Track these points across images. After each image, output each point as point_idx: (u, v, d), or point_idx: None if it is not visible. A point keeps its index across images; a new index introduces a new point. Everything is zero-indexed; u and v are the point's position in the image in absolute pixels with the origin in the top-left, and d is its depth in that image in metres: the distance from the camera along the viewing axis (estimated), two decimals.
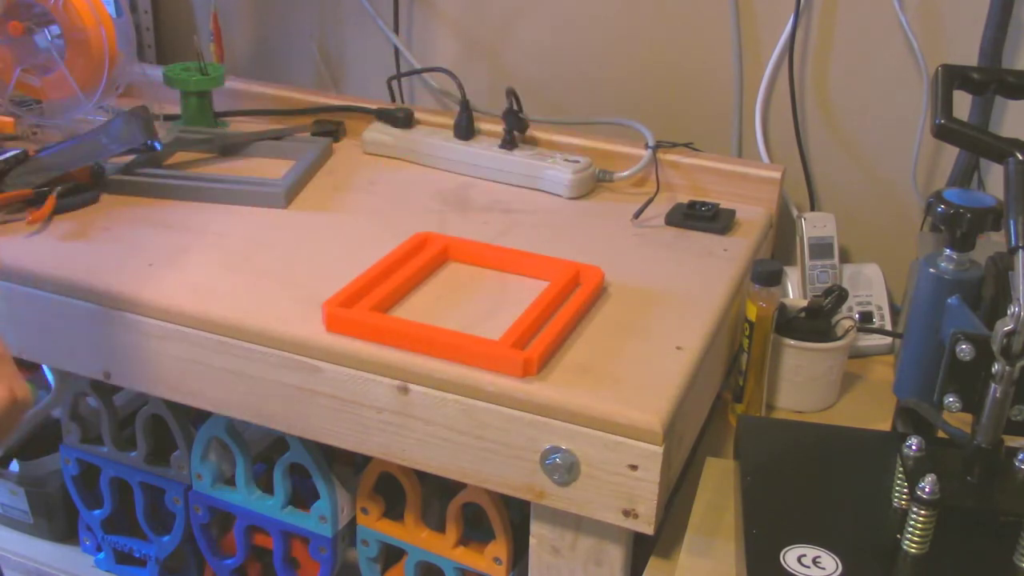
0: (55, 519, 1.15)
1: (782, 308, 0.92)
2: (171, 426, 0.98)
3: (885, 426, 0.84)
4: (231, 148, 1.15)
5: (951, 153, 1.07)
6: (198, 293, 0.83)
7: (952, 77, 0.75)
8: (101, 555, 1.11)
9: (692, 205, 1.01)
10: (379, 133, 1.16)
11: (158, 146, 1.10)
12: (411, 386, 0.75)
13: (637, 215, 1.01)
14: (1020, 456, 0.71)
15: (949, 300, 0.74)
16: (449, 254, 0.91)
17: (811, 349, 0.93)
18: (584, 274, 0.86)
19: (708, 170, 1.08)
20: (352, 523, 0.95)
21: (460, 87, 1.15)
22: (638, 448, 0.69)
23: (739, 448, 0.82)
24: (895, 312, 1.08)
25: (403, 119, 1.17)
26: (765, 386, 0.92)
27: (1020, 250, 0.64)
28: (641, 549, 0.79)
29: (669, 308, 0.84)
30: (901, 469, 0.71)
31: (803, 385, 0.94)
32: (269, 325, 0.79)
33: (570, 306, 0.80)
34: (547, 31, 1.24)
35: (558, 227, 0.99)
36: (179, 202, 1.01)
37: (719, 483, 0.81)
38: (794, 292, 1.08)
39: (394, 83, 1.28)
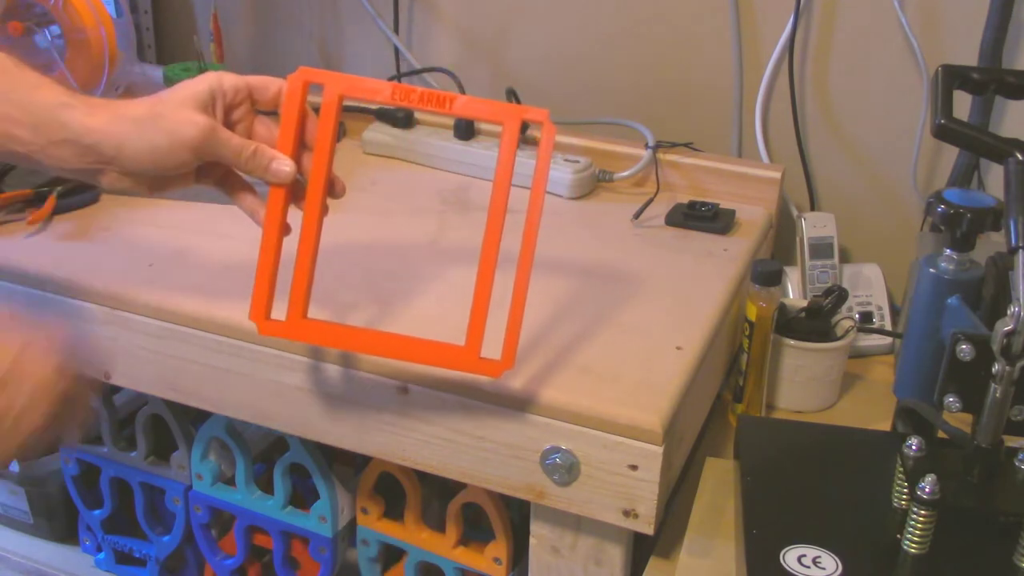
0: (55, 519, 1.15)
1: (782, 308, 0.92)
2: (171, 426, 0.98)
3: (885, 426, 0.84)
4: None
5: (951, 153, 1.07)
6: (198, 293, 0.83)
7: (952, 77, 0.75)
8: (101, 555, 1.11)
9: (692, 205, 1.01)
10: (379, 133, 1.16)
11: None
12: (411, 386, 0.75)
13: (637, 215, 1.01)
14: (1020, 456, 0.70)
15: (949, 300, 0.74)
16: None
17: (811, 349, 0.93)
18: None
19: (708, 170, 1.08)
20: (352, 523, 0.95)
21: (460, 87, 1.15)
22: (638, 448, 0.69)
23: (739, 448, 0.82)
24: (895, 312, 1.07)
25: (403, 119, 1.17)
26: (765, 386, 0.92)
27: (1020, 250, 0.64)
28: (641, 549, 0.79)
29: (669, 308, 0.84)
30: (901, 469, 0.71)
31: (803, 385, 0.94)
32: None
33: (518, 284, 0.70)
34: (547, 31, 1.24)
35: (558, 227, 0.99)
36: (179, 202, 1.01)
37: (719, 483, 0.81)
38: (794, 292, 1.08)
39: (394, 83, 1.28)
